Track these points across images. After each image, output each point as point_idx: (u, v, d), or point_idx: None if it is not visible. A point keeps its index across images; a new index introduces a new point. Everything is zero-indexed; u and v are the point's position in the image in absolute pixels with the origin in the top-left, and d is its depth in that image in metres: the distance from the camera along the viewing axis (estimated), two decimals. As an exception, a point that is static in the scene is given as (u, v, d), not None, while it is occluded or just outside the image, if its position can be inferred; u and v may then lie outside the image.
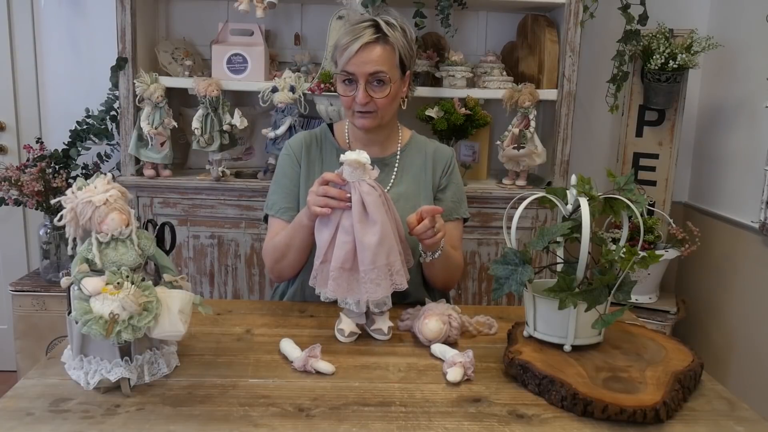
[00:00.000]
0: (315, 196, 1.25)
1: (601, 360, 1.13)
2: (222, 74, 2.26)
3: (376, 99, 1.44)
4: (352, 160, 1.21)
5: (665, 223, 2.44)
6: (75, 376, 1.06)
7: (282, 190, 1.55)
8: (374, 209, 1.21)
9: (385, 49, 1.43)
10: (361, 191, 1.21)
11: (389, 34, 1.43)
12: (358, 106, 1.44)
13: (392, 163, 1.58)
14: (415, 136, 1.64)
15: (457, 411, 1.02)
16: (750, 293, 2.30)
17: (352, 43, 1.41)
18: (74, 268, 1.03)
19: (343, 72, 1.44)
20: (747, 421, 1.01)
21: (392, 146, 1.59)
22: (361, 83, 1.42)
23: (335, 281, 1.22)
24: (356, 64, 1.41)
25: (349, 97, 1.45)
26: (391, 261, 1.22)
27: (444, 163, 1.61)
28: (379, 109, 1.46)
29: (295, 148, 1.57)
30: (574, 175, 1.17)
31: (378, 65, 1.42)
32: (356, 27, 1.43)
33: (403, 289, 1.24)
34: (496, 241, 2.32)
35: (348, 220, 1.22)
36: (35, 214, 2.56)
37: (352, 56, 1.41)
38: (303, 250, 1.43)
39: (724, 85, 2.52)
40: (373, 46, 1.42)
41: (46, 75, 2.60)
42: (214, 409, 1.00)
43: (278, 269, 1.50)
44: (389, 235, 1.22)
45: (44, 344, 2.34)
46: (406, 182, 1.56)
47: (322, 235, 1.25)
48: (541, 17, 2.38)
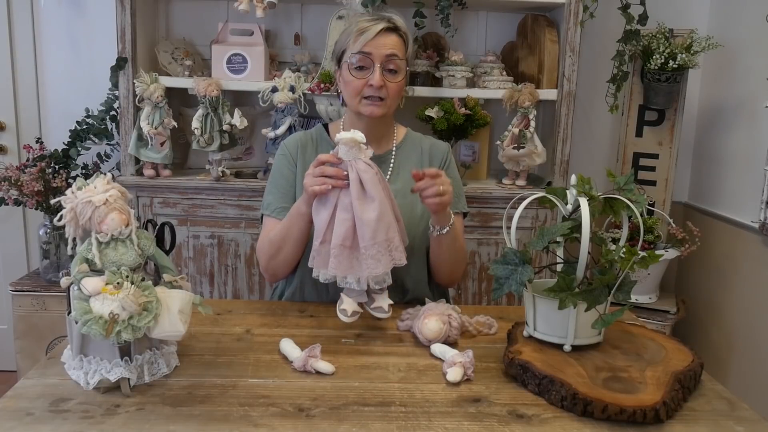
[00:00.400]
0: (312, 177, 1.26)
1: (601, 360, 1.13)
2: (222, 74, 2.26)
3: (389, 84, 1.46)
4: (348, 138, 1.22)
5: (665, 223, 2.44)
6: (75, 376, 1.06)
7: (278, 191, 1.55)
8: (371, 186, 1.22)
9: (399, 38, 1.48)
10: (358, 169, 1.22)
11: (402, 28, 1.49)
12: (371, 90, 1.45)
13: (388, 160, 1.58)
14: (410, 133, 1.64)
15: (457, 411, 1.02)
16: (750, 293, 2.30)
17: (371, 26, 1.44)
18: (74, 268, 1.03)
19: (359, 53, 1.44)
20: (747, 421, 1.01)
21: (388, 143, 1.60)
22: (377, 66, 1.44)
23: (336, 258, 1.22)
24: (375, 46, 1.44)
25: (360, 81, 1.46)
26: (390, 236, 1.23)
27: (440, 158, 1.61)
28: (390, 96, 1.48)
29: (290, 148, 1.58)
30: (574, 175, 1.17)
31: (394, 49, 1.46)
32: (370, 17, 1.48)
33: (402, 264, 1.25)
34: (496, 241, 2.32)
35: (346, 198, 1.23)
36: (35, 214, 2.56)
37: (371, 39, 1.44)
38: (299, 241, 1.43)
39: (724, 85, 2.52)
40: (390, 32, 1.47)
41: (46, 75, 2.60)
42: (214, 409, 1.00)
43: (273, 266, 1.50)
44: (387, 212, 1.23)
45: (44, 344, 2.34)
46: (402, 179, 1.57)
47: (321, 216, 1.25)
48: (541, 17, 2.38)
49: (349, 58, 1.46)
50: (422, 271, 1.56)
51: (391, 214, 1.25)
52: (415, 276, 1.54)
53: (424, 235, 1.50)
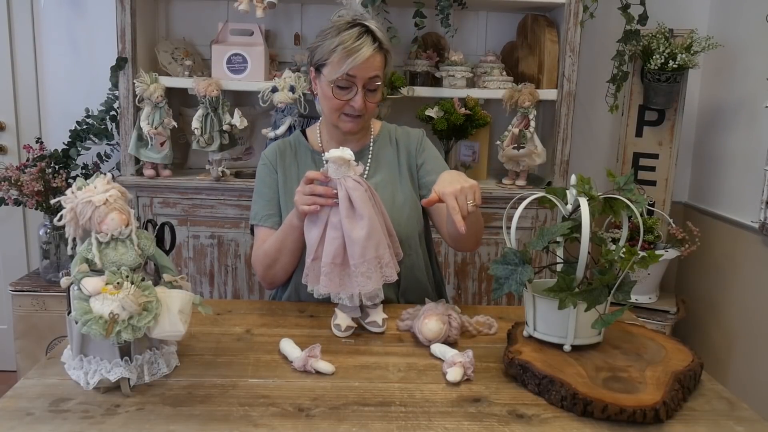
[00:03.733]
0: (302, 195, 1.27)
1: (601, 360, 1.13)
2: (222, 74, 2.26)
3: (368, 103, 1.47)
4: (336, 157, 1.22)
5: (665, 223, 2.44)
6: (75, 376, 1.06)
7: (262, 199, 1.56)
8: (361, 204, 1.22)
9: (381, 56, 1.46)
10: (347, 187, 1.23)
11: (384, 43, 1.46)
12: (352, 110, 1.46)
13: (366, 154, 1.60)
14: (384, 125, 1.65)
15: (457, 411, 1.02)
16: (750, 293, 2.30)
17: (359, 50, 1.40)
18: (74, 268, 1.03)
19: (345, 76, 1.43)
20: (747, 421, 1.01)
21: (365, 139, 1.61)
22: (359, 89, 1.44)
23: (327, 276, 1.24)
24: (360, 69, 1.42)
25: (341, 102, 1.46)
26: (380, 253, 1.24)
27: (414, 143, 1.62)
28: (368, 112, 1.49)
29: (270, 157, 1.59)
30: (573, 175, 1.16)
31: (377, 70, 1.45)
32: (351, 32, 1.41)
33: (393, 280, 1.26)
34: (496, 241, 2.32)
35: (336, 216, 1.24)
36: (35, 214, 2.56)
37: (360, 63, 1.41)
38: (294, 251, 1.44)
39: (724, 85, 2.52)
40: (376, 53, 1.44)
41: (46, 75, 2.60)
42: (214, 409, 1.00)
43: (270, 275, 1.50)
44: (377, 229, 1.24)
45: (44, 344, 2.34)
46: (381, 172, 1.58)
47: (312, 234, 1.27)
48: (541, 17, 2.38)
49: (331, 76, 1.43)
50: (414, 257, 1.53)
51: (381, 231, 1.25)
52: (407, 263, 1.50)
53: (409, 223, 1.51)
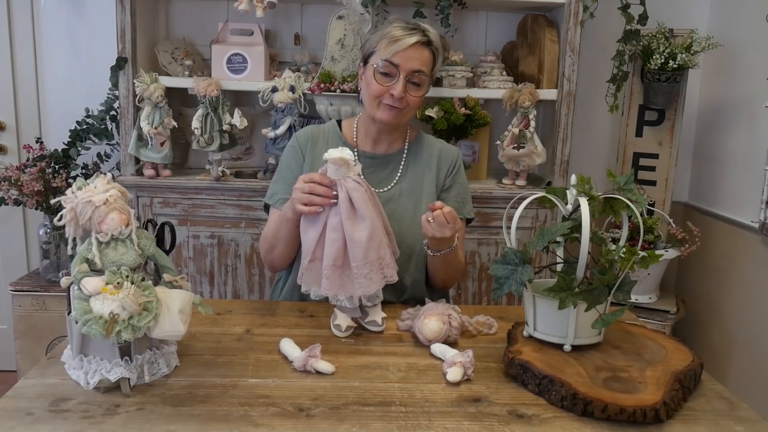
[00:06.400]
0: (300, 193, 1.26)
1: (601, 360, 1.13)
2: (222, 74, 2.26)
3: (410, 96, 1.47)
4: (336, 158, 1.22)
5: (665, 223, 2.44)
6: (75, 376, 1.06)
7: (284, 181, 1.56)
8: (362, 205, 1.22)
9: (430, 54, 1.48)
10: (347, 188, 1.23)
11: (435, 43, 1.48)
12: (391, 99, 1.46)
13: (398, 159, 1.59)
14: (421, 134, 1.65)
15: (457, 411, 1.02)
16: (750, 293, 2.30)
17: (406, 37, 1.44)
18: (74, 268, 1.03)
19: (387, 62, 1.44)
20: (747, 421, 1.01)
21: (399, 143, 1.60)
22: (402, 77, 1.45)
23: (329, 279, 1.23)
24: (403, 58, 1.44)
25: (383, 87, 1.46)
26: (381, 255, 1.24)
27: (449, 163, 1.61)
28: (408, 107, 1.49)
29: (301, 141, 1.59)
30: (574, 175, 1.17)
31: (422, 65, 1.46)
32: (406, 26, 1.47)
33: (393, 281, 1.27)
34: (496, 241, 2.32)
35: (335, 218, 1.23)
36: (35, 214, 2.56)
37: (402, 50, 1.43)
38: (290, 242, 1.45)
39: (724, 85, 2.52)
40: (423, 47, 1.46)
41: (46, 75, 2.60)
42: (214, 409, 1.00)
43: (270, 259, 1.54)
44: (378, 230, 1.24)
45: (44, 344, 2.34)
46: (410, 179, 1.57)
47: (309, 235, 1.26)
48: (541, 17, 2.38)
49: (376, 62, 1.46)
50: (421, 272, 1.56)
51: (382, 232, 1.25)
52: (414, 275, 1.54)
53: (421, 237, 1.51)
